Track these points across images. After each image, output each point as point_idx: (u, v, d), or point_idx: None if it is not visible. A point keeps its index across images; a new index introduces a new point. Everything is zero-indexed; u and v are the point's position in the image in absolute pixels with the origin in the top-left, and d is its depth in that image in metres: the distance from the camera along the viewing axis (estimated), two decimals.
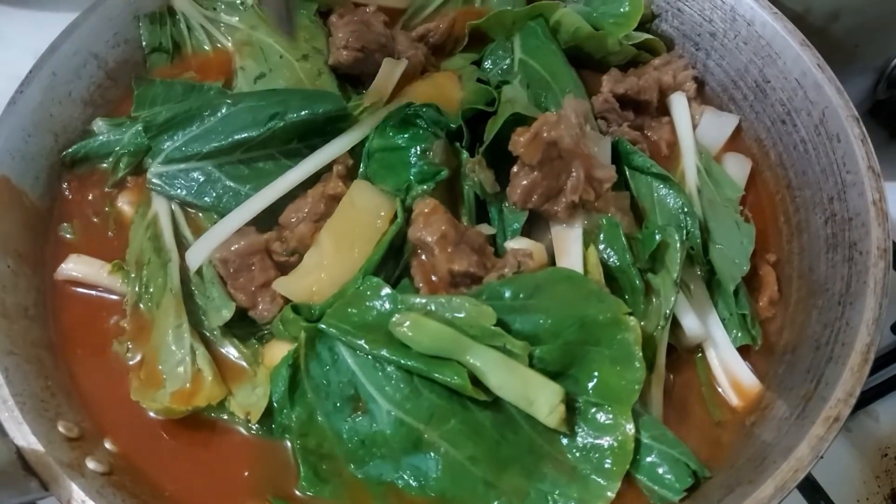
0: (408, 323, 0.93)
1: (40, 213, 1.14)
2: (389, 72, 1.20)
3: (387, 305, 0.97)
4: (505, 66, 1.26)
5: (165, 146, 1.12)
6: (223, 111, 1.11)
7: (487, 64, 1.28)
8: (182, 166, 1.11)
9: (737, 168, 1.20)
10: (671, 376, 1.04)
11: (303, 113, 1.10)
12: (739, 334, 1.06)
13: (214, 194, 1.10)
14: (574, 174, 1.05)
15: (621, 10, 1.30)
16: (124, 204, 1.16)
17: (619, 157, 1.13)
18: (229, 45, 1.30)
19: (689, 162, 1.17)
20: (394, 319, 0.93)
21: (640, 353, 0.92)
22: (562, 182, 1.06)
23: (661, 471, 0.92)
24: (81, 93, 1.22)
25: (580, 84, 1.24)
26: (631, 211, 1.10)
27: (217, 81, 1.26)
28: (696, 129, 1.24)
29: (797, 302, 1.10)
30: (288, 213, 1.08)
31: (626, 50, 1.29)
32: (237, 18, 1.31)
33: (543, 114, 1.05)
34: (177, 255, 1.09)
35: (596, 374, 0.94)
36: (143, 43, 1.29)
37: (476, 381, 0.92)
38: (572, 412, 0.93)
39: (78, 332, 1.07)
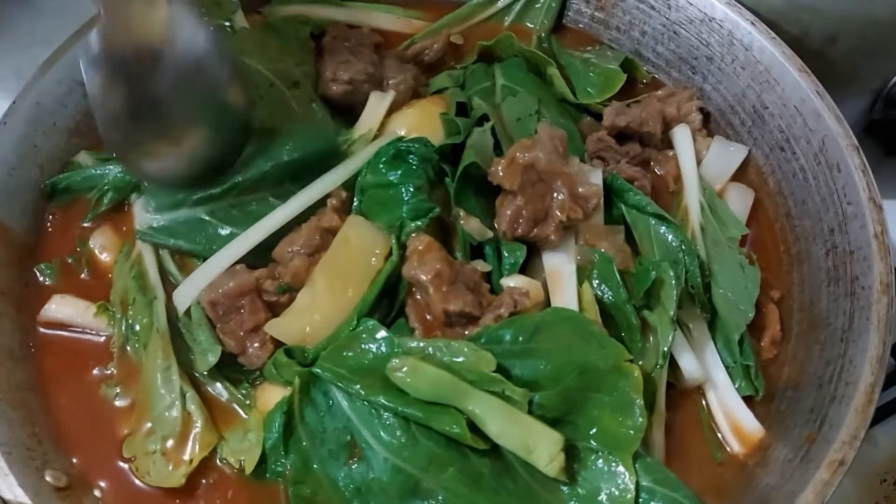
0: (406, 368, 0.90)
1: (25, 249, 1.11)
2: (376, 106, 1.19)
3: (383, 349, 0.95)
4: (485, 86, 1.25)
5: (158, 197, 1.10)
6: None
7: (469, 85, 1.26)
8: (172, 215, 1.09)
9: (739, 200, 1.19)
10: (672, 414, 1.02)
11: (294, 155, 1.08)
12: (742, 384, 1.04)
13: (205, 241, 1.08)
14: (557, 194, 1.04)
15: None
16: (97, 246, 1.13)
17: (612, 194, 1.12)
18: None
19: (693, 199, 1.15)
20: (391, 364, 0.91)
21: (642, 402, 0.90)
22: (547, 204, 1.05)
23: None
24: (67, 122, 1.19)
25: (567, 115, 1.24)
26: (628, 246, 1.08)
27: None
28: (702, 161, 1.22)
29: (798, 336, 1.09)
30: (282, 246, 1.06)
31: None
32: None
33: (518, 140, 1.05)
34: (162, 292, 1.06)
35: (596, 421, 0.92)
36: None
37: (474, 428, 0.90)
38: (572, 460, 0.91)
39: (64, 375, 1.04)
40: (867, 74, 1.35)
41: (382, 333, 0.95)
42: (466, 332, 0.99)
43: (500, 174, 1.04)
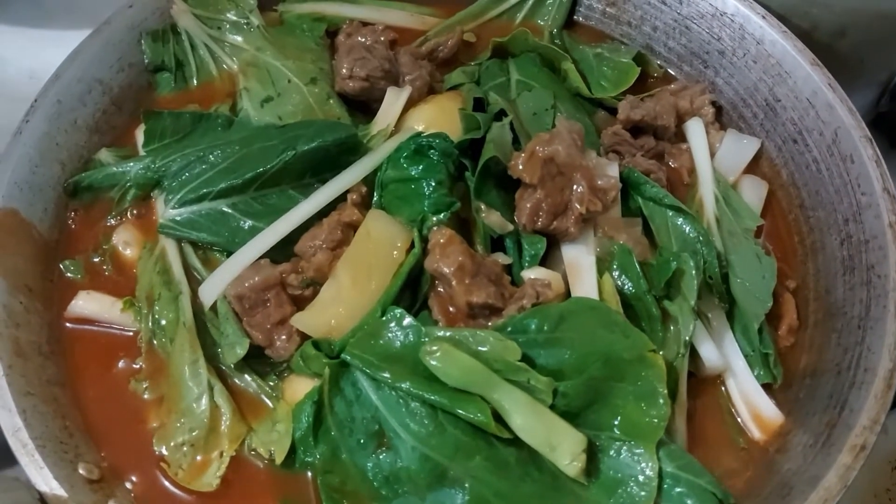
0: (439, 353, 0.92)
1: (49, 246, 1.12)
2: (393, 102, 1.20)
3: (411, 337, 0.96)
4: (500, 82, 1.27)
5: (179, 191, 1.11)
6: (236, 154, 1.11)
7: (484, 81, 1.28)
8: (195, 208, 1.10)
9: (753, 192, 1.20)
10: (693, 402, 1.03)
11: (313, 143, 1.09)
12: (761, 372, 1.05)
13: (227, 233, 1.09)
14: (576, 187, 1.06)
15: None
16: (120, 243, 1.14)
17: (629, 187, 1.13)
18: (234, 65, 1.29)
19: (707, 191, 1.16)
20: (425, 347, 0.92)
21: (665, 391, 0.92)
22: (566, 197, 1.06)
23: (689, 501, 0.91)
24: (87, 120, 1.20)
25: (582, 109, 1.25)
26: (646, 237, 1.10)
27: (222, 104, 1.25)
28: (716, 153, 1.23)
29: (815, 324, 1.10)
30: (304, 241, 1.07)
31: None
32: (241, 38, 1.30)
33: (537, 134, 1.07)
34: (187, 287, 1.07)
35: (620, 410, 0.93)
36: (146, 60, 1.27)
37: (499, 418, 0.91)
38: (596, 449, 0.93)
39: (93, 370, 1.05)
40: (875, 67, 1.37)
41: (409, 321, 0.97)
42: (489, 324, 1.01)
43: (521, 168, 1.05)
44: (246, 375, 1.04)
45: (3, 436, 0.93)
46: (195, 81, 1.30)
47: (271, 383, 1.04)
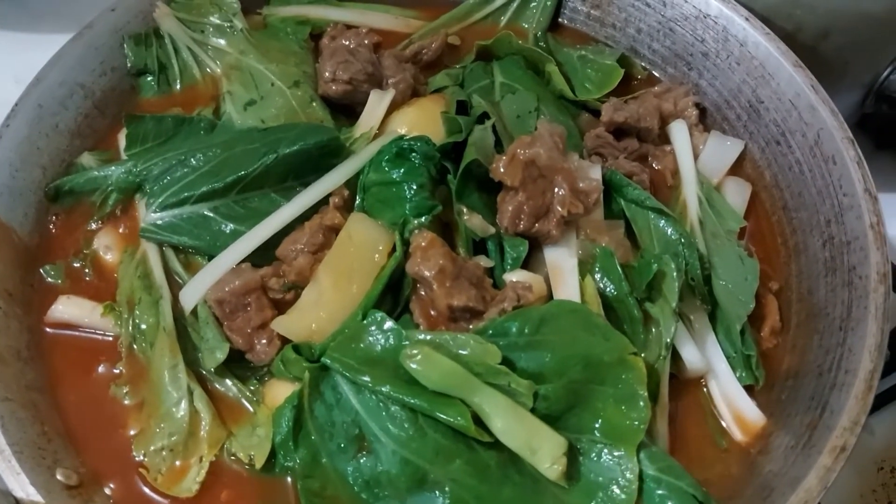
0: (419, 356, 0.92)
1: (29, 251, 1.12)
2: (376, 104, 1.20)
3: (391, 341, 0.96)
4: (484, 84, 1.27)
5: (161, 195, 1.10)
6: (218, 157, 1.10)
7: (468, 84, 1.28)
8: (176, 212, 1.09)
9: (737, 193, 1.20)
10: (675, 404, 1.03)
11: (296, 146, 1.09)
12: (743, 374, 1.05)
13: (208, 237, 1.09)
14: (558, 190, 1.06)
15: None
16: (101, 247, 1.14)
17: (611, 189, 1.13)
18: (217, 68, 1.29)
19: (691, 193, 1.16)
20: (406, 351, 0.92)
21: (645, 393, 0.91)
22: (547, 199, 1.06)
23: None
24: (69, 124, 1.20)
25: (566, 111, 1.25)
26: (628, 240, 1.10)
27: (206, 107, 1.25)
28: (700, 155, 1.23)
29: (797, 326, 1.10)
30: (285, 245, 1.07)
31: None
32: (224, 42, 1.29)
33: (519, 137, 1.07)
34: (168, 291, 1.07)
35: (601, 413, 0.93)
36: (129, 64, 1.27)
37: (479, 422, 0.91)
38: (577, 452, 0.92)
39: (73, 375, 1.05)
40: (858, 69, 1.37)
41: (390, 325, 0.96)
42: (471, 327, 1.00)
43: (502, 171, 1.05)
44: (226, 380, 1.03)
45: None
46: (178, 85, 1.30)
47: (252, 388, 1.03)
